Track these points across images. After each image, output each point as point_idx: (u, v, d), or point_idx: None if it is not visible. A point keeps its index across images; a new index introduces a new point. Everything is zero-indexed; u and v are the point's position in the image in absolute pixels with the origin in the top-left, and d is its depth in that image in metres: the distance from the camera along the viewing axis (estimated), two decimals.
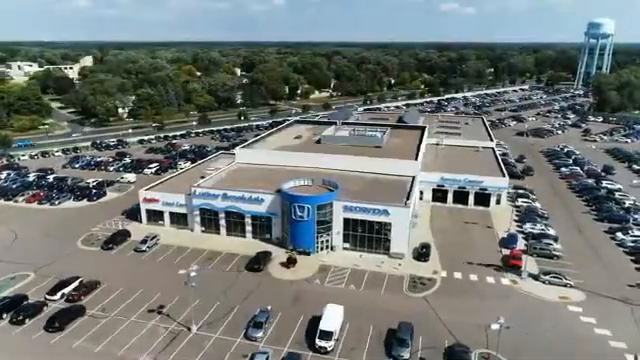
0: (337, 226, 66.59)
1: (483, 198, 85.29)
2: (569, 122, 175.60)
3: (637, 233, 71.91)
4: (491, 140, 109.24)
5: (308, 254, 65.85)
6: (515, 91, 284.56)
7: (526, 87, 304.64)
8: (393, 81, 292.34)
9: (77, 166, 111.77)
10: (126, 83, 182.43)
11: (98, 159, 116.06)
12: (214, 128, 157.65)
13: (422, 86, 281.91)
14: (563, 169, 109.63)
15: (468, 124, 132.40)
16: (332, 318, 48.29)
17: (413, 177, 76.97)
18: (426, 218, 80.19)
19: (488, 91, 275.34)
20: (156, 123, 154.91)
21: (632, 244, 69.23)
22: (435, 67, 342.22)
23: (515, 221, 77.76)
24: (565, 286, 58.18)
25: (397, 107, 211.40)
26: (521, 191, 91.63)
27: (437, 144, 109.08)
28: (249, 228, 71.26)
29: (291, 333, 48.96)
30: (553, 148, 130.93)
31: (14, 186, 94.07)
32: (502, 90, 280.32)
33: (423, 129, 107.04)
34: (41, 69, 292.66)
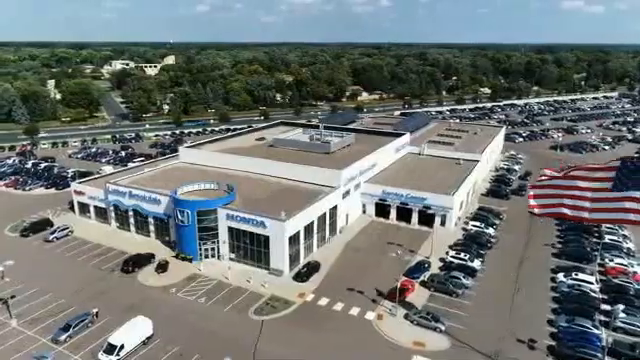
0: (223, 234, 63.58)
1: (428, 217, 75.85)
2: (629, 137, 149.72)
3: (583, 277, 58.53)
4: (480, 153, 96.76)
5: (190, 260, 63.75)
6: (596, 98, 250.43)
7: (614, 94, 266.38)
8: (452, 84, 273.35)
9: (79, 156, 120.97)
10: (165, 81, 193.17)
11: (100, 151, 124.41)
12: (231, 126, 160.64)
13: (486, 90, 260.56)
14: None
15: (477, 134, 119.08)
16: (128, 332, 45.94)
17: (333, 187, 70.94)
18: (351, 234, 73.37)
19: (561, 97, 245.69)
20: (174, 120, 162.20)
21: (567, 289, 56.53)
22: (509, 70, 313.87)
23: (454, 247, 68.05)
24: (435, 330, 49.25)
25: (439, 112, 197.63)
26: (484, 213, 79.85)
27: (419, 153, 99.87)
28: (152, 228, 71.05)
29: (96, 341, 47.56)
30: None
31: (9, 170, 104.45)
32: (578, 97, 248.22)
33: (399, 135, 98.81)
34: (125, 67, 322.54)
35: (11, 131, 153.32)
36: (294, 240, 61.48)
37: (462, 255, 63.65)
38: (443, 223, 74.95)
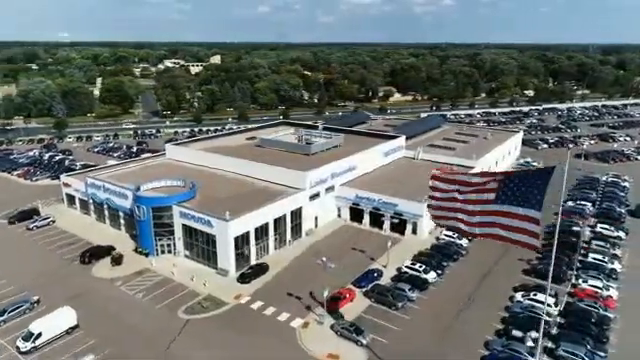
0: (178, 231, 64.32)
1: (400, 224, 72.70)
2: None
3: (541, 297, 53.49)
4: (476, 160, 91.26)
5: (147, 255, 65.06)
6: None
7: None
8: (493, 86, 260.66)
9: (96, 150, 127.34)
10: (193, 80, 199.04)
11: (115, 146, 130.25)
12: (250, 125, 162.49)
13: (530, 92, 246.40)
14: (570, 203, 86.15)
15: (486, 138, 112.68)
16: (49, 321, 47.51)
17: (299, 189, 69.78)
18: (317, 238, 71.77)
19: (612, 102, 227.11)
20: (194, 118, 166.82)
21: (520, 310, 51.95)
22: (558, 71, 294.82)
23: (418, 256, 64.78)
24: (356, 343, 46.98)
25: (469, 115, 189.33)
26: None
27: (413, 158, 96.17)
28: (122, 222, 73.23)
29: (25, 328, 49.54)
30: (594, 176, 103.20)
31: (26, 161, 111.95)
32: (631, 102, 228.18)
33: (392, 138, 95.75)
34: (170, 66, 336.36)
35: (48, 125, 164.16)
36: (243, 240, 61.05)
37: (417, 266, 60.30)
38: (415, 231, 71.57)
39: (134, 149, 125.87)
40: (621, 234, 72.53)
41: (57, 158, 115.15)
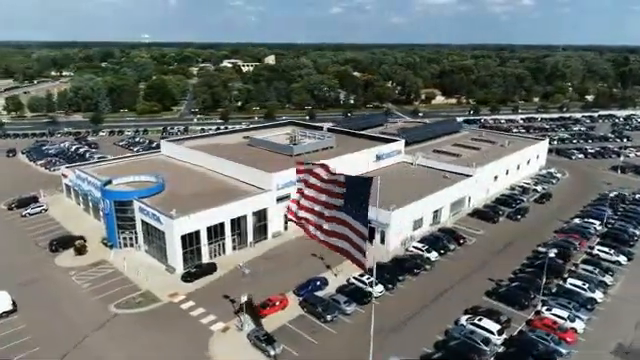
0: (138, 226, 65.47)
1: (371, 232, 69.02)
2: None
3: (486, 324, 48.14)
4: (475, 168, 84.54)
5: (111, 247, 66.89)
6: None
7: None
8: (549, 89, 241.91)
9: (121, 144, 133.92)
10: (230, 79, 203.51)
11: (138, 141, 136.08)
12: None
13: (588, 97, 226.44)
14: (576, 220, 77.37)
15: (503, 146, 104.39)
16: None
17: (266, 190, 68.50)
18: (282, 240, 70.15)
19: None
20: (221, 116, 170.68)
21: (458, 335, 47.08)
22: (628, 75, 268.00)
23: (377, 268, 61.10)
24: (264, 352, 44.96)
25: (510, 120, 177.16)
26: (441, 235, 70.09)
27: (411, 163, 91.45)
28: (101, 213, 75.86)
29: None
30: (620, 192, 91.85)
31: (52, 152, 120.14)
32: None
33: (389, 141, 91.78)
34: (229, 65, 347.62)
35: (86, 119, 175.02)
36: (193, 239, 60.88)
37: (364, 278, 56.76)
38: (383, 240, 67.67)
39: (154, 144, 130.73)
40: (621, 259, 63.88)
41: (81, 150, 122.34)
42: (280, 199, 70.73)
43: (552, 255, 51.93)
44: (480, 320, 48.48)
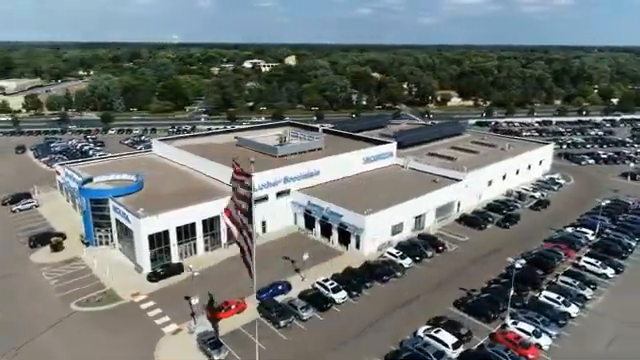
0: (113, 224, 65.96)
1: (346, 236, 67.58)
2: None
3: (443, 336, 46.00)
4: (465, 172, 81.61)
5: (87, 245, 67.62)
6: None
7: None
8: (572, 92, 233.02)
9: (126, 143, 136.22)
10: (241, 79, 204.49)
11: (143, 139, 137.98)
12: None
13: (613, 100, 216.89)
14: (568, 229, 73.60)
15: (504, 149, 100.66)
16: None
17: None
18: (259, 242, 68.85)
19: None
20: (229, 116, 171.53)
21: (411, 347, 45.12)
22: None
23: (344, 272, 59.69)
24: (208, 357, 44.23)
25: (524, 124, 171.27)
26: (418, 242, 67.85)
27: (402, 166, 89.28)
28: (78, 210, 76.90)
29: None
30: (624, 200, 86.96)
31: (58, 150, 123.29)
32: None
33: (379, 142, 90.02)
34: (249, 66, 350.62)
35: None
36: (162, 239, 60.81)
37: (328, 283, 55.31)
38: (358, 245, 66.02)
39: None
40: (608, 272, 60.22)
41: (85, 148, 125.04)
42: (257, 201, 69.77)
43: (518, 266, 49.22)
44: (437, 332, 46.38)
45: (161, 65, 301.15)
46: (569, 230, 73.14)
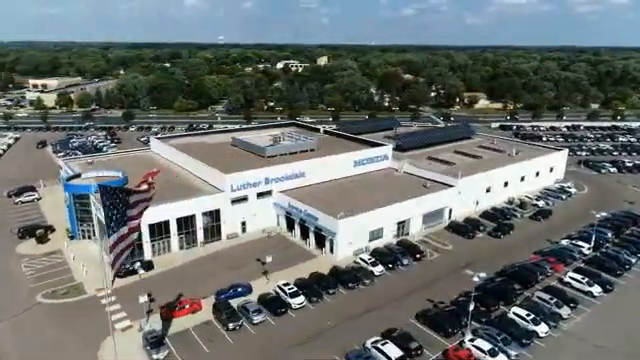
0: (95, 219, 67.56)
1: (321, 239, 66.21)
2: None
3: (389, 349, 43.91)
4: (458, 178, 78.07)
5: (72, 238, 69.65)
6: None
7: None
8: (609, 95, 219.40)
9: (142, 140, 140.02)
10: (262, 79, 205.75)
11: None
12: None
13: None
14: (563, 242, 68.92)
15: (511, 155, 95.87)
16: None
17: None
18: (236, 242, 69.21)
19: None
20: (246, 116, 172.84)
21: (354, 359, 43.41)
22: None
23: (310, 276, 58.45)
24: (149, 356, 44.22)
25: (551, 128, 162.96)
26: (397, 248, 65.45)
27: (396, 169, 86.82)
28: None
29: None
30: (634, 212, 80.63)
31: (75, 145, 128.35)
32: None
33: (374, 144, 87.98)
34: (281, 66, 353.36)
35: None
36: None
37: (287, 288, 54.19)
38: (332, 249, 64.52)
39: None
40: (595, 290, 55.84)
41: (100, 144, 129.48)
42: (235, 201, 69.82)
43: (476, 280, 46.30)
44: (384, 344, 44.38)
45: (193, 65, 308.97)
46: (564, 242, 68.54)
